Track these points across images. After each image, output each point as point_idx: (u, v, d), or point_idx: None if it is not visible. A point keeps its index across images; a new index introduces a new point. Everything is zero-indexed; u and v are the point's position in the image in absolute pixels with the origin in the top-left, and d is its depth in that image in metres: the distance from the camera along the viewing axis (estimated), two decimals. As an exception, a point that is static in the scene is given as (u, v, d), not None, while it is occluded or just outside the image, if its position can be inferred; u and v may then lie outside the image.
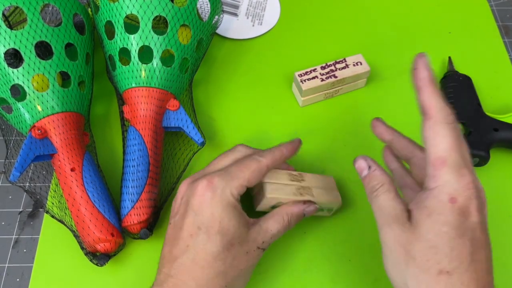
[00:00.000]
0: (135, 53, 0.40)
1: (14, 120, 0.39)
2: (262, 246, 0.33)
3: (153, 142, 0.39)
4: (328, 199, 0.37)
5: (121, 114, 0.42)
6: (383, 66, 0.49)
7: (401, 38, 0.51)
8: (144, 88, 0.40)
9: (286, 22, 0.53)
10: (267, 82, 0.48)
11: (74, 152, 0.38)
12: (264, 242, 0.33)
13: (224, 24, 0.52)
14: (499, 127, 0.41)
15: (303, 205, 0.35)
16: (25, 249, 0.40)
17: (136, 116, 0.40)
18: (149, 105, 0.40)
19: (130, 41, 0.40)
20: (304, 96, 0.45)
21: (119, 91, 0.42)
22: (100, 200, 0.37)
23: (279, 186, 0.35)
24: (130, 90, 0.40)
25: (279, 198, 0.35)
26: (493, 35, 0.52)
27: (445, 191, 0.26)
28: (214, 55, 0.50)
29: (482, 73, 0.48)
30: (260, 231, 0.33)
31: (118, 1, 0.39)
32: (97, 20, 0.42)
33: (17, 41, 0.37)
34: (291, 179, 0.36)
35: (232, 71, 0.49)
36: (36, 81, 0.38)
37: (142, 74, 0.40)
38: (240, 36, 0.52)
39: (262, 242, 0.33)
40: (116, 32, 0.40)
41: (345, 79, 0.45)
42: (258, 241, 0.33)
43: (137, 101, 0.40)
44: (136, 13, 0.39)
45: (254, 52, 0.51)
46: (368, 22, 0.53)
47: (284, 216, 0.34)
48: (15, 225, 0.41)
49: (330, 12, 0.54)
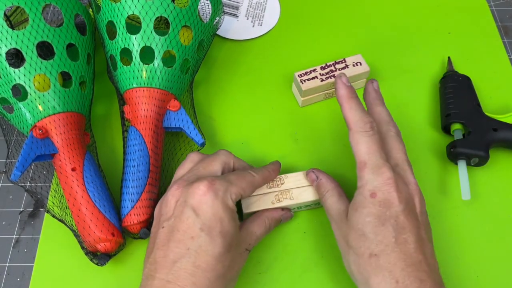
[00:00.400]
0: (137, 53, 0.40)
1: (15, 120, 0.39)
2: (249, 248, 0.35)
3: (153, 142, 0.39)
4: (308, 197, 0.38)
5: (121, 114, 0.42)
6: (383, 66, 0.49)
7: (401, 38, 0.52)
8: (145, 89, 0.40)
9: (286, 22, 0.53)
10: (267, 83, 0.48)
11: (75, 152, 0.38)
12: (250, 244, 0.35)
13: (224, 25, 0.52)
14: (498, 127, 0.42)
15: (281, 212, 0.38)
16: (25, 248, 0.40)
17: (137, 116, 0.40)
18: (150, 105, 0.40)
19: (132, 42, 0.40)
20: (304, 96, 0.45)
21: (120, 91, 0.42)
22: (101, 200, 0.37)
23: (256, 198, 0.37)
24: (131, 90, 0.40)
25: (256, 210, 0.37)
26: (492, 36, 0.52)
27: (367, 188, 0.32)
28: (214, 56, 0.51)
29: (482, 73, 0.48)
30: (247, 234, 0.35)
31: (120, 1, 0.39)
32: (99, 20, 0.42)
33: (18, 41, 0.37)
34: (270, 185, 0.38)
35: (232, 72, 0.49)
36: (38, 81, 0.38)
37: (143, 74, 0.40)
38: (240, 37, 0.52)
39: (249, 244, 0.35)
40: (117, 32, 0.40)
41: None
42: (246, 243, 0.34)
43: (138, 101, 0.40)
44: (138, 13, 0.39)
45: (254, 53, 0.51)
46: (368, 22, 0.53)
47: (266, 220, 0.36)
48: (15, 225, 0.41)
49: (330, 13, 0.54)
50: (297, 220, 0.40)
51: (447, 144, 0.42)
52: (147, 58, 0.40)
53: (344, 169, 0.42)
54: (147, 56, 0.40)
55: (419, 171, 0.41)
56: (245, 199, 0.37)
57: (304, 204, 0.39)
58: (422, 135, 0.45)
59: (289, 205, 0.38)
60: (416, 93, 0.48)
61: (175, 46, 0.40)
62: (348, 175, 0.42)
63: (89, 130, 0.43)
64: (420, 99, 0.47)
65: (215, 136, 0.45)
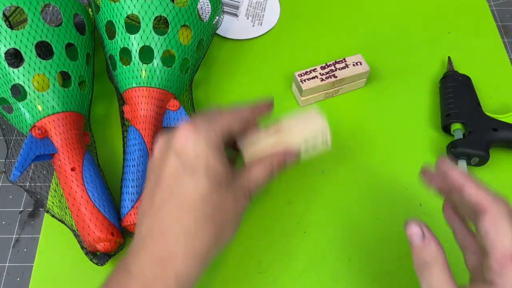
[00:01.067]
0: (136, 53, 0.40)
1: (14, 119, 0.39)
2: (248, 194, 0.32)
3: (153, 142, 0.39)
4: (310, 132, 0.35)
5: (121, 114, 0.42)
6: (383, 66, 0.49)
7: (401, 38, 0.52)
8: (145, 88, 0.40)
9: (286, 22, 0.53)
10: (267, 82, 0.48)
11: (75, 152, 0.38)
12: (251, 190, 0.32)
13: (224, 24, 0.52)
14: (498, 127, 0.41)
15: (283, 155, 0.34)
16: (25, 248, 0.40)
17: (137, 116, 0.40)
18: (150, 105, 0.40)
19: (131, 41, 0.40)
20: (304, 96, 0.45)
21: (120, 91, 0.42)
22: (100, 199, 0.37)
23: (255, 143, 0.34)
24: (130, 90, 0.40)
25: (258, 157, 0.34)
26: (492, 35, 0.52)
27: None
28: (214, 55, 0.51)
29: (482, 73, 0.48)
30: (246, 177, 0.32)
31: (119, 1, 0.39)
32: (98, 20, 0.42)
33: (17, 41, 0.37)
34: (268, 134, 0.34)
35: (232, 71, 0.49)
36: (37, 81, 0.38)
37: (142, 74, 0.40)
38: (240, 37, 0.52)
39: (249, 190, 0.32)
40: (117, 32, 0.40)
41: (345, 79, 0.45)
42: (245, 188, 0.31)
43: (137, 101, 0.40)
44: (137, 13, 0.39)
45: (254, 52, 0.51)
46: (368, 22, 0.53)
47: (268, 162, 0.33)
48: (15, 225, 0.41)
49: (330, 12, 0.54)
50: (297, 220, 0.40)
51: (447, 144, 0.42)
52: (146, 58, 0.40)
53: (344, 170, 0.42)
54: (146, 55, 0.40)
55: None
56: (245, 147, 0.34)
57: (311, 143, 0.35)
58: (422, 135, 0.45)
59: (293, 144, 0.34)
60: (416, 93, 0.48)
61: (175, 46, 0.40)
62: (349, 175, 0.42)
63: (89, 130, 0.43)
64: (420, 99, 0.47)
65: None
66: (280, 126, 0.35)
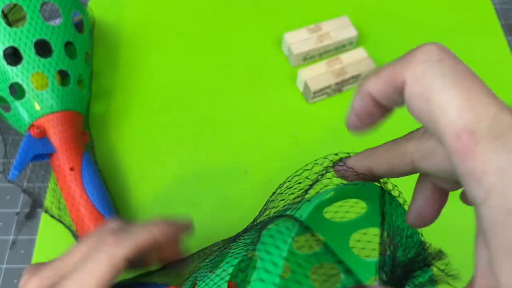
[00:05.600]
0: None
1: (12, 118, 0.39)
2: None
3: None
4: (344, 35, 0.45)
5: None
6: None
7: (403, 36, 0.51)
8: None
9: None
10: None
11: (73, 151, 0.38)
12: None
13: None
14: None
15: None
16: (22, 250, 0.39)
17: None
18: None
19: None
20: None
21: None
22: (100, 199, 0.36)
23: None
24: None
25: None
26: (496, 34, 0.51)
27: None
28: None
29: (485, 72, 0.47)
30: None
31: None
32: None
33: (16, 38, 0.37)
34: (310, 32, 0.45)
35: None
36: (36, 80, 0.38)
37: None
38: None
39: None
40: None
41: (349, 79, 0.44)
42: None
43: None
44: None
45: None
46: (368, 22, 0.53)
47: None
48: (12, 226, 0.40)
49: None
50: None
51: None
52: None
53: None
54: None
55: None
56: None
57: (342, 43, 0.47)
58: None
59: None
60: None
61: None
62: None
63: (87, 129, 0.42)
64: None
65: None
66: (319, 26, 0.47)
